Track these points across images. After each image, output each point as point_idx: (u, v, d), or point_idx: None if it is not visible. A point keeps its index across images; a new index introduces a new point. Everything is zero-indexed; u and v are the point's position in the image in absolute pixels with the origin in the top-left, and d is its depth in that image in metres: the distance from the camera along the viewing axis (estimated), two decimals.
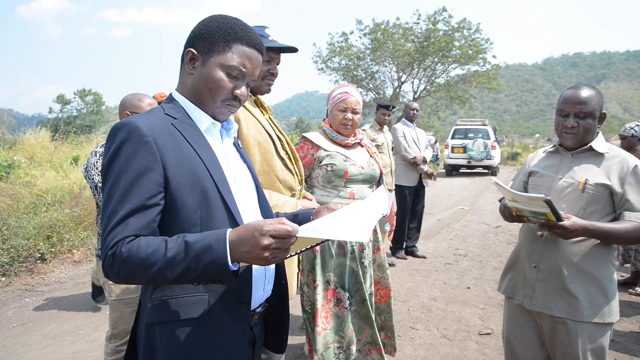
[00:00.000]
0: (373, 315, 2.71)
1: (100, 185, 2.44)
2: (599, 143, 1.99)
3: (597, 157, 1.98)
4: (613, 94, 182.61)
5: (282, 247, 0.99)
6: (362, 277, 2.64)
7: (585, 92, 1.95)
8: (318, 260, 2.59)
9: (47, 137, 10.96)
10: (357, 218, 1.15)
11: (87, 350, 3.36)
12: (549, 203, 1.70)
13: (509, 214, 2.03)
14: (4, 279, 4.90)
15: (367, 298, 2.65)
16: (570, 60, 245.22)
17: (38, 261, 5.38)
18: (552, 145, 2.18)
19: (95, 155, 2.68)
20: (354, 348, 2.61)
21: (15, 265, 5.09)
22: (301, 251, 1.21)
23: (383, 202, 1.41)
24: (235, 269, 1.02)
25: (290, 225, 0.99)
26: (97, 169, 2.61)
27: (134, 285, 2.34)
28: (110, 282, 2.38)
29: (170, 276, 1.02)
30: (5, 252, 5.09)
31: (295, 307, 3.76)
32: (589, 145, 1.99)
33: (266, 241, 0.97)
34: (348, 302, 2.61)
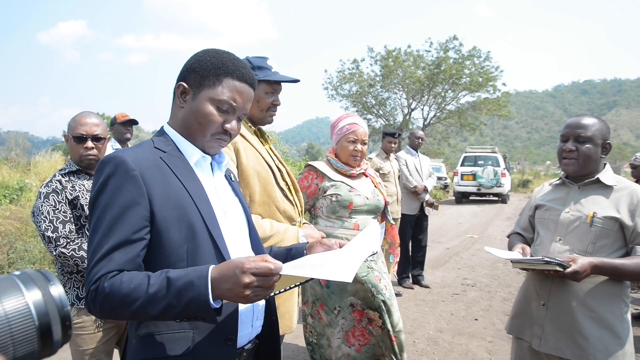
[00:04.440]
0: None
1: (46, 234, 2.08)
2: (606, 175, 1.93)
3: (605, 189, 1.91)
4: (625, 121, 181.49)
5: (264, 285, 0.97)
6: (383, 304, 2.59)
7: (586, 119, 1.94)
8: (333, 289, 2.54)
9: (61, 159, 11.10)
10: (344, 257, 1.12)
11: None
12: (548, 263, 1.70)
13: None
14: None
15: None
16: (581, 87, 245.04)
17: None
18: (558, 178, 2.13)
19: (40, 198, 2.14)
20: None
21: None
22: (288, 289, 1.17)
23: (375, 238, 1.38)
24: (217, 306, 1.00)
25: (272, 263, 0.98)
26: (42, 214, 2.10)
27: (95, 335, 2.19)
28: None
29: (152, 312, 1.00)
30: None
31: (298, 338, 3.68)
32: (595, 177, 1.93)
33: (247, 279, 0.95)
34: (381, 320, 2.54)
